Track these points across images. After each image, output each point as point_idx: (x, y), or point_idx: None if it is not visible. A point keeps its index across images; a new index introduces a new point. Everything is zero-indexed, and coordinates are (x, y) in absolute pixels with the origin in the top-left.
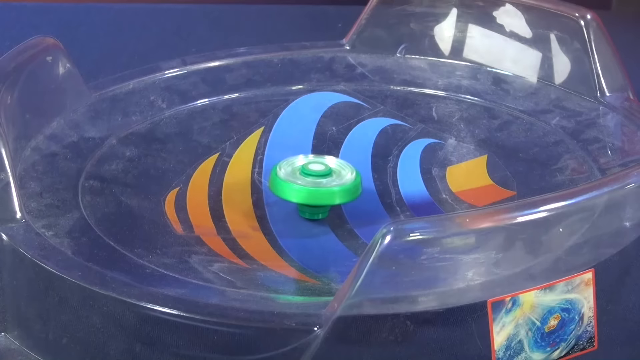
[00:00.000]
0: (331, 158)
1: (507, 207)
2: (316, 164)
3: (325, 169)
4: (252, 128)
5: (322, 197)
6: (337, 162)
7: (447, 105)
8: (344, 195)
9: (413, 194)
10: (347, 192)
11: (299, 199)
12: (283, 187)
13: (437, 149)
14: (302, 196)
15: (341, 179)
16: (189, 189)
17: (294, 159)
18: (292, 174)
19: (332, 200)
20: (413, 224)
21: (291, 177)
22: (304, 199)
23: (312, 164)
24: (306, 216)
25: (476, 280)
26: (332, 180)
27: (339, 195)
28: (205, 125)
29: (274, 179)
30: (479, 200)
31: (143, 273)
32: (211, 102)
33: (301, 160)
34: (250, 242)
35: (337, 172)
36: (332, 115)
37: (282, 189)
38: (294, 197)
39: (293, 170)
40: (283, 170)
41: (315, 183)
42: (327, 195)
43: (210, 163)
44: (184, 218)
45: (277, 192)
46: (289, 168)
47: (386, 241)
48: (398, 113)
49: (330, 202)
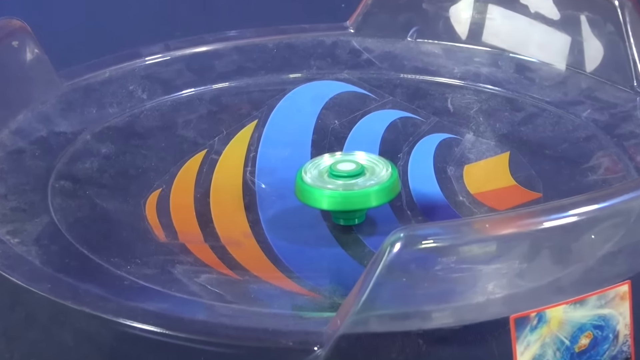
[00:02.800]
0: (361, 154)
1: (532, 211)
2: (345, 162)
3: (357, 168)
4: (243, 122)
5: (358, 200)
6: (369, 158)
7: (464, 95)
8: (383, 195)
9: (426, 196)
10: (385, 192)
11: (332, 205)
12: (312, 194)
13: (453, 145)
14: (336, 202)
15: (377, 176)
16: (173, 190)
17: (318, 160)
18: (319, 177)
19: (369, 202)
20: (426, 229)
21: (319, 181)
22: (338, 204)
23: (341, 164)
24: (341, 223)
25: (497, 293)
26: (367, 180)
27: (376, 195)
28: (190, 118)
29: (300, 185)
30: (501, 203)
31: (121, 285)
32: (197, 93)
33: (327, 160)
34: (241, 250)
35: (371, 169)
36: (335, 107)
37: (310, 196)
38: (326, 204)
39: (320, 173)
40: (309, 175)
41: (348, 185)
42: (363, 197)
43: (197, 161)
44: (167, 223)
45: (305, 199)
46: (315, 171)
47: (396, 249)
48: (409, 105)
49: (367, 205)
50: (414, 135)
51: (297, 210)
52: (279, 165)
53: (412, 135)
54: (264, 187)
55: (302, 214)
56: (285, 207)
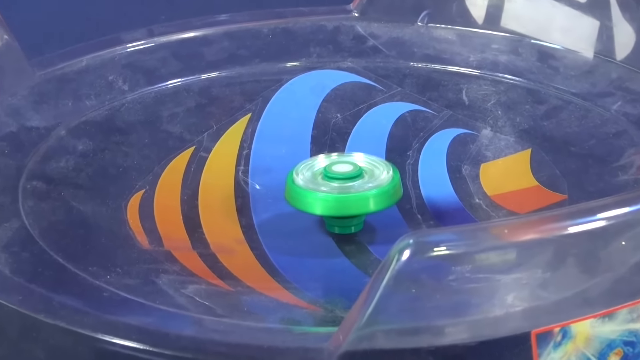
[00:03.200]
0: (359, 155)
1: (557, 214)
2: (342, 164)
3: (355, 170)
4: (236, 115)
5: (355, 205)
6: (368, 160)
7: (481, 86)
8: (382, 200)
9: (438, 198)
10: (385, 196)
11: (326, 210)
12: (304, 197)
13: (468, 142)
14: (330, 206)
15: (376, 179)
16: (157, 191)
17: (312, 161)
18: (313, 179)
19: (367, 207)
20: (438, 235)
21: (312, 183)
22: (332, 209)
23: (337, 165)
24: (336, 231)
25: (517, 306)
26: (365, 183)
27: (375, 200)
28: (177, 111)
29: (290, 188)
30: (521, 205)
31: (99, 297)
32: (185, 83)
33: (322, 161)
34: (233, 258)
35: (370, 171)
36: (337, 100)
37: (303, 200)
38: (318, 209)
39: (314, 175)
40: (301, 177)
41: (344, 188)
42: (360, 201)
43: (184, 159)
44: (151, 228)
45: (296, 203)
46: (307, 173)
47: (404, 257)
48: (419, 97)
49: (364, 211)
50: (425, 130)
51: (295, 214)
52: (275, 164)
53: (423, 130)
54: (258, 188)
55: (301, 218)
56: (282, 211)
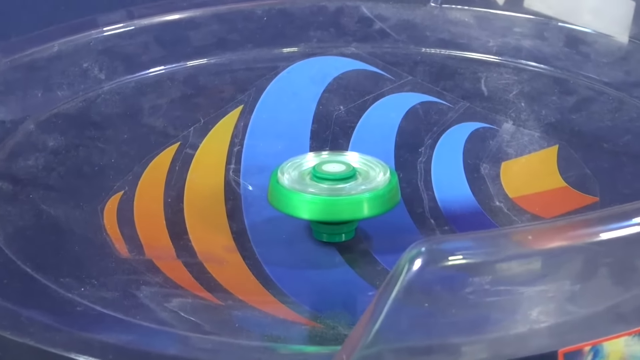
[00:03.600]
0: (353, 154)
1: (587, 219)
2: (333, 163)
3: (347, 170)
4: (226, 108)
5: (346, 209)
6: (363, 160)
7: (502, 75)
8: (377, 205)
9: (454, 201)
10: (380, 200)
11: (312, 214)
12: (289, 199)
13: (487, 137)
14: (317, 209)
15: (371, 182)
16: (138, 193)
17: (300, 159)
18: (300, 179)
19: (360, 212)
20: (454, 242)
21: (299, 184)
22: (320, 213)
23: (328, 164)
24: (324, 239)
25: (543, 322)
26: (359, 185)
27: (369, 204)
28: (160, 103)
29: (274, 188)
30: (547, 209)
31: (73, 312)
32: (168, 71)
33: (311, 159)
34: (223, 268)
35: (364, 173)
36: (340, 90)
37: (288, 202)
38: (304, 213)
39: (301, 175)
40: (287, 176)
41: (334, 190)
42: (352, 205)
43: (168, 157)
44: (131, 235)
45: (281, 206)
46: (294, 172)
47: (416, 267)
48: (432, 86)
49: (357, 216)
50: (439, 124)
51: (293, 220)
52: (270, 163)
53: (437, 124)
54: (251, 189)
55: (299, 223)
56: (278, 215)
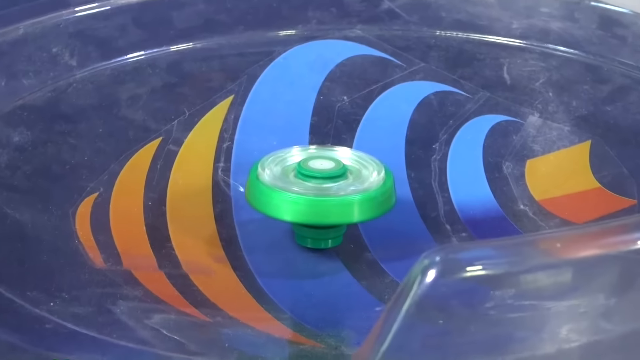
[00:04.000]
0: (345, 150)
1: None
2: (321, 159)
3: (337, 167)
4: (214, 98)
5: (333, 212)
6: (356, 156)
7: (527, 61)
8: (368, 208)
9: (472, 204)
10: (372, 203)
11: (294, 216)
12: (269, 197)
13: (510, 132)
14: (300, 211)
15: (363, 182)
16: (114, 195)
17: (284, 153)
18: (283, 176)
19: (349, 216)
20: (472, 250)
21: (282, 181)
22: (303, 215)
23: (315, 160)
24: (307, 244)
25: (574, 341)
26: (349, 185)
27: (360, 207)
28: (139, 93)
29: (253, 185)
30: (578, 213)
31: (41, 329)
32: (149, 57)
33: (297, 154)
34: (211, 281)
35: (355, 171)
36: (343, 78)
37: (268, 201)
38: (286, 214)
39: (284, 171)
40: (268, 172)
41: (322, 190)
42: (340, 208)
43: (148, 154)
44: (106, 242)
45: (260, 205)
46: (277, 168)
47: (429, 278)
48: (448, 74)
49: (345, 220)
50: (456, 117)
51: (290, 226)
52: None
53: (453, 117)
54: (243, 190)
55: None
56: (272, 220)
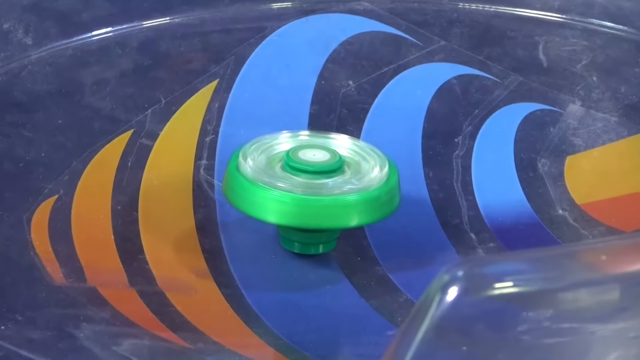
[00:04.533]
0: (343, 138)
1: None
2: (314, 149)
3: (331, 160)
4: (195, 83)
5: (325, 214)
6: (355, 146)
7: (567, 39)
8: (368, 211)
9: (501, 209)
10: (373, 205)
11: (280, 217)
12: (250, 194)
13: (547, 123)
14: (287, 212)
15: (362, 178)
16: (77, 198)
17: (271, 139)
18: (267, 168)
19: (345, 219)
20: (501, 264)
21: (266, 174)
22: (290, 217)
23: (307, 150)
24: (295, 249)
25: None
26: (346, 181)
27: (357, 210)
28: (106, 77)
29: (233, 177)
30: (627, 219)
31: None
32: (118, 35)
33: (285, 141)
34: (192, 300)
35: (354, 165)
36: (348, 59)
37: (248, 198)
38: (270, 214)
39: (270, 161)
40: (251, 162)
41: (312, 187)
42: (334, 210)
43: (117, 150)
44: (67, 254)
45: (239, 202)
46: (261, 157)
47: (450, 297)
48: (473, 55)
49: (339, 224)
50: (482, 106)
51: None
52: None
53: (479, 106)
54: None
55: None
56: (264, 225)
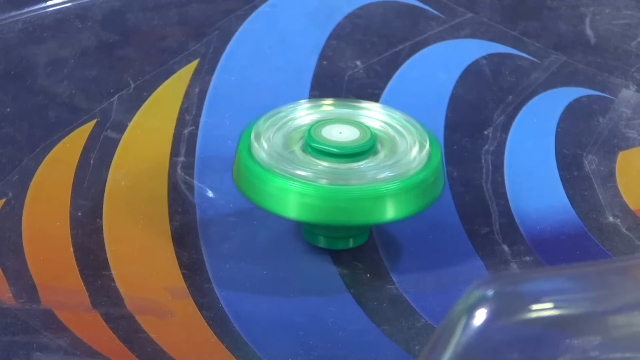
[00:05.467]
0: (374, 107)
1: None
2: (339, 124)
3: (362, 138)
4: (170, 64)
5: (357, 207)
6: (387, 117)
7: (619, 10)
8: (408, 201)
9: (540, 215)
10: (413, 193)
11: (302, 212)
12: (266, 184)
13: (595, 112)
14: (310, 206)
15: (397, 159)
16: (28, 203)
17: (287, 111)
18: (284, 150)
19: (381, 213)
20: (539, 282)
21: (283, 159)
22: (314, 212)
23: (331, 126)
24: (320, 244)
25: None
26: (378, 165)
27: (394, 200)
28: (63, 56)
29: (244, 163)
30: None
31: None
32: (78, 5)
33: (305, 113)
34: (167, 325)
35: (388, 142)
36: (356, 35)
37: (265, 190)
38: (290, 209)
39: (288, 140)
40: (265, 144)
41: (339, 175)
42: (366, 202)
43: (77, 144)
44: (17, 270)
45: (253, 194)
46: (277, 135)
47: (478, 321)
48: (507, 29)
49: (373, 219)
50: (517, 91)
51: (278, 241)
52: None
53: (514, 91)
54: (212, 195)
55: (288, 248)
56: (253, 234)
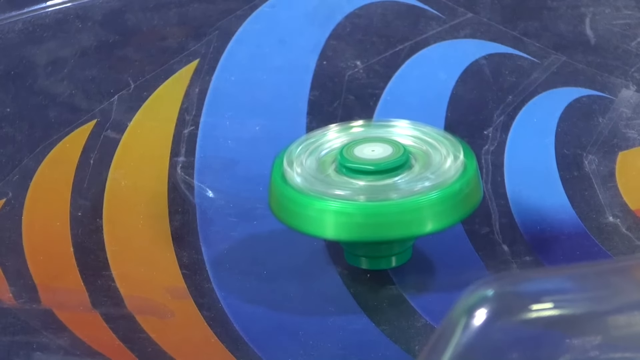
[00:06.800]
0: (402, 124)
1: None
2: (371, 143)
3: (396, 154)
4: (171, 64)
5: (398, 222)
6: (419, 133)
7: (619, 10)
8: (449, 210)
9: (540, 215)
10: (451, 203)
11: (343, 231)
12: (303, 207)
13: (595, 112)
14: (350, 225)
15: (433, 170)
16: (28, 203)
17: (317, 137)
18: (319, 172)
19: (423, 225)
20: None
21: (319, 181)
22: (354, 230)
23: (363, 145)
24: (362, 265)
25: None
26: (415, 178)
27: (436, 210)
28: (63, 56)
29: (279, 189)
30: None
31: None
32: (78, 6)
33: (335, 137)
34: (167, 325)
35: (422, 156)
36: (356, 35)
37: (303, 212)
38: (331, 229)
39: (321, 164)
40: (299, 167)
41: (378, 189)
42: (408, 214)
43: (77, 144)
44: (17, 269)
45: (291, 218)
46: (310, 159)
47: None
48: (506, 29)
49: (414, 232)
50: (517, 91)
51: (278, 241)
52: (243, 153)
53: (514, 91)
54: (212, 195)
55: (288, 247)
56: (254, 235)
